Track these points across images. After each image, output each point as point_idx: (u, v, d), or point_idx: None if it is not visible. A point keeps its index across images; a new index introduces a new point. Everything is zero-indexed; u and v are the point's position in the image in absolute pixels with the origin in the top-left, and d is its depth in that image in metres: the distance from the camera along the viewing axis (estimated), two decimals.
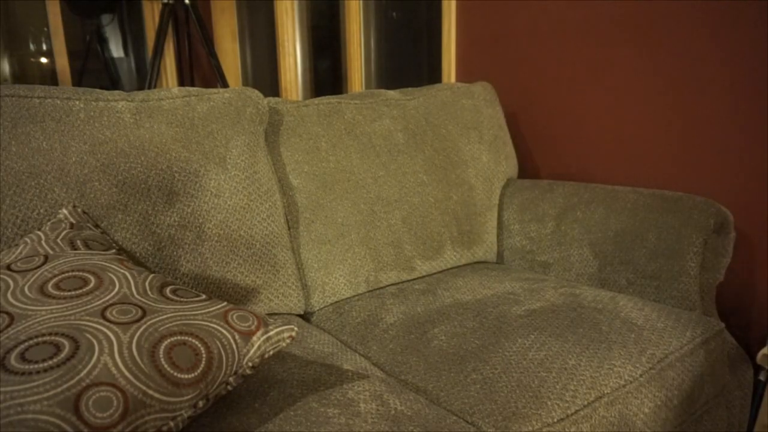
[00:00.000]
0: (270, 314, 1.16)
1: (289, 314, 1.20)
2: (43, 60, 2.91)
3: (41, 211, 0.93)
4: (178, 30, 2.89)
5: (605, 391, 0.90)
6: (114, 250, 0.88)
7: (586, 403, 0.87)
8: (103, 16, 3.12)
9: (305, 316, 1.26)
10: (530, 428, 0.82)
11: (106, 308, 0.70)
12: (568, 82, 1.62)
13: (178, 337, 0.69)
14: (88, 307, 0.70)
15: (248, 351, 0.73)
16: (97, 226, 0.97)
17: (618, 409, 0.90)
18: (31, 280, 0.74)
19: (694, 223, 1.21)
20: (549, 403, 0.85)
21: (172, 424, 0.65)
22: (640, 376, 0.94)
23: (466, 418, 0.86)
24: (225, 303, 0.78)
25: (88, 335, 0.64)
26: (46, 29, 2.75)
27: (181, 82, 2.98)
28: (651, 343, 1.01)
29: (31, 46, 2.89)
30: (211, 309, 0.76)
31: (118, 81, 3.25)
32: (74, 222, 0.91)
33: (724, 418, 1.17)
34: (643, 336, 1.02)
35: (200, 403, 0.69)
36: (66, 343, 0.63)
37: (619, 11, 1.47)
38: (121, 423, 0.60)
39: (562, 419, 0.84)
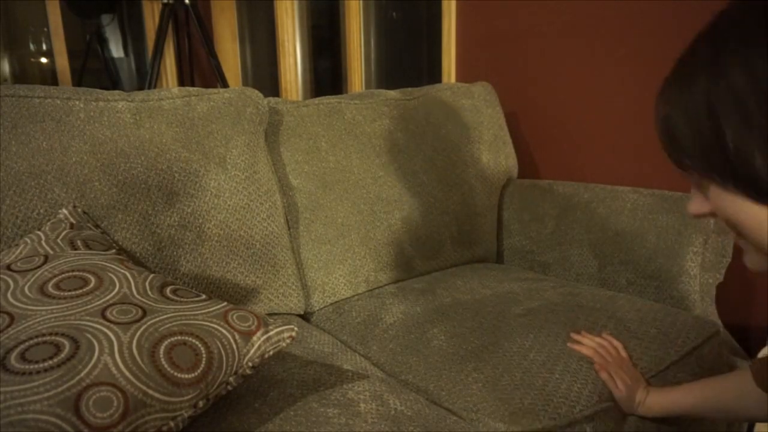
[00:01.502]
0: (270, 314, 1.16)
1: (289, 314, 1.20)
2: (43, 60, 2.92)
3: (41, 211, 0.93)
4: (178, 30, 2.89)
5: (606, 391, 0.90)
6: (114, 250, 0.89)
7: (586, 403, 0.87)
8: (103, 16, 3.12)
9: (305, 316, 1.26)
10: (531, 428, 0.82)
11: (106, 308, 0.70)
12: (568, 82, 1.62)
13: (179, 337, 0.69)
14: (89, 307, 0.70)
15: (248, 351, 0.73)
16: (97, 226, 0.97)
17: (619, 409, 0.91)
18: (32, 280, 0.74)
19: (694, 223, 1.21)
20: (555, 401, 0.85)
21: (172, 424, 0.65)
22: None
23: (467, 418, 0.86)
24: (225, 303, 0.79)
25: (88, 335, 0.64)
26: (46, 29, 2.74)
27: (181, 82, 2.98)
28: (650, 343, 1.01)
29: (31, 46, 2.89)
30: (211, 309, 0.76)
31: (118, 81, 3.25)
32: (74, 222, 0.91)
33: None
34: (642, 336, 1.02)
35: (200, 403, 0.69)
36: (66, 343, 0.63)
37: (620, 11, 1.47)
38: (121, 423, 0.60)
39: (563, 418, 0.84)
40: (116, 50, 3.23)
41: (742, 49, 0.45)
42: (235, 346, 0.72)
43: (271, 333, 0.76)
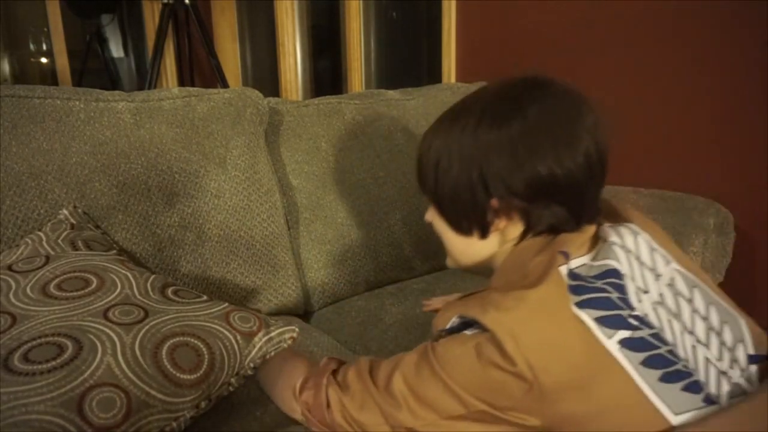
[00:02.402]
0: (269, 315, 1.16)
1: (288, 314, 1.20)
2: (43, 60, 2.91)
3: (42, 211, 0.93)
4: (178, 30, 2.89)
5: None
6: (115, 251, 0.89)
7: None
8: (103, 16, 3.11)
9: (305, 317, 1.26)
10: None
11: (108, 309, 0.70)
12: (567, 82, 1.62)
13: (181, 338, 0.69)
14: (91, 307, 0.70)
15: (250, 352, 0.73)
16: (97, 226, 0.97)
17: None
18: (33, 280, 0.74)
19: (694, 223, 1.21)
20: None
21: (174, 424, 0.66)
22: None
23: None
24: (226, 304, 0.79)
25: (91, 336, 0.65)
26: (46, 29, 2.74)
27: (181, 82, 2.98)
28: None
29: (31, 46, 2.89)
30: (212, 310, 0.76)
31: (118, 81, 3.25)
32: (75, 222, 0.91)
33: None
34: None
35: (202, 404, 0.69)
36: (69, 343, 0.63)
37: (619, 12, 1.48)
38: (124, 423, 0.60)
39: None
40: (116, 50, 3.23)
41: (452, 130, 0.71)
42: (236, 347, 0.72)
43: (272, 334, 0.76)
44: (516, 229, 0.70)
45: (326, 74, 2.71)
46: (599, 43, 1.53)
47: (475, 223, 0.72)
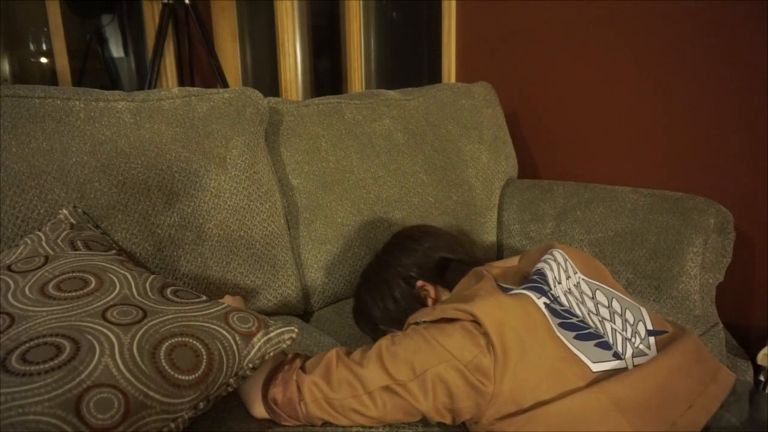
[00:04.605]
0: (269, 315, 1.16)
1: (288, 315, 1.20)
2: (43, 60, 2.91)
3: (41, 211, 0.93)
4: (178, 30, 2.89)
5: None
6: (114, 251, 0.89)
7: None
8: (103, 16, 3.11)
9: (305, 317, 1.26)
10: None
11: (106, 309, 0.70)
12: (567, 82, 1.62)
13: (179, 339, 0.69)
14: (89, 308, 0.70)
15: (249, 352, 0.73)
16: (97, 226, 0.97)
17: None
18: (32, 280, 0.74)
19: (694, 223, 1.21)
20: None
21: (173, 425, 0.65)
22: None
23: None
24: (226, 304, 0.79)
25: (89, 336, 0.65)
26: (46, 29, 2.74)
27: (181, 82, 2.98)
28: None
29: (31, 46, 2.88)
30: (211, 310, 0.76)
31: (118, 81, 3.25)
32: (74, 222, 0.91)
33: None
34: None
35: (201, 405, 0.69)
36: (67, 344, 0.63)
37: (620, 12, 1.47)
38: (122, 424, 0.60)
39: None
40: (116, 50, 3.22)
41: (371, 290, 1.01)
42: (235, 348, 0.72)
43: (271, 334, 0.76)
44: (443, 291, 0.95)
45: (326, 74, 2.71)
46: (599, 43, 1.53)
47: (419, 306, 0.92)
